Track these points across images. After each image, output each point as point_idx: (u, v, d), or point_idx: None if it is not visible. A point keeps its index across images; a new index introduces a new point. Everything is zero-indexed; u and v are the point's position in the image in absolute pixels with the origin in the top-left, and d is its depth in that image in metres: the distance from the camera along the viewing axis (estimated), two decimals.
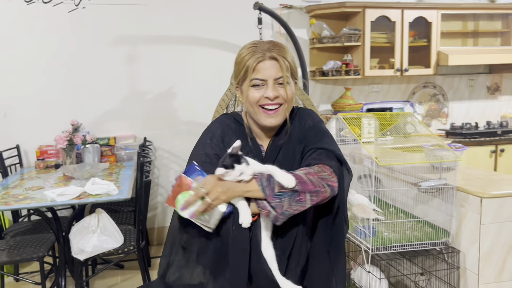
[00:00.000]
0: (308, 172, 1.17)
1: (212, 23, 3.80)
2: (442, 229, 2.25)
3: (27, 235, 2.81)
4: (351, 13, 3.86)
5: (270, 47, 1.25)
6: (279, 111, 1.26)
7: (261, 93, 1.24)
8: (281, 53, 1.24)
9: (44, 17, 3.50)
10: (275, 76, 1.23)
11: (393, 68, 3.91)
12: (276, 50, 1.24)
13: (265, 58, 1.22)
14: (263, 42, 1.27)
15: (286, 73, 1.24)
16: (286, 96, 1.25)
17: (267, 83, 1.23)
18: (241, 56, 1.27)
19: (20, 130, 3.56)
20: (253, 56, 1.23)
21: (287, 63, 1.24)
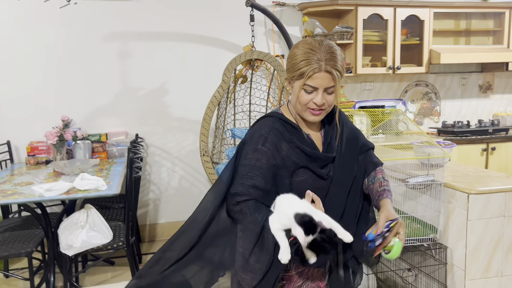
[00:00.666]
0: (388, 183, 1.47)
1: (205, 20, 3.79)
2: (430, 225, 2.26)
3: (16, 231, 2.80)
4: (344, 11, 3.86)
5: (327, 57, 1.28)
6: (323, 112, 1.35)
7: (310, 97, 1.31)
8: (336, 64, 1.29)
9: (36, 13, 3.48)
10: (326, 86, 1.29)
11: (385, 66, 3.92)
12: (331, 62, 1.28)
13: (321, 70, 1.27)
14: (320, 48, 1.29)
15: (337, 84, 1.31)
16: (331, 102, 1.33)
17: (318, 91, 1.30)
18: (297, 57, 1.31)
19: (11, 126, 3.54)
20: (310, 64, 1.27)
21: (339, 74, 1.30)
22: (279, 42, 3.97)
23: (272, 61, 3.42)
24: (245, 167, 1.34)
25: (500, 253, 2.09)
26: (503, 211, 2.06)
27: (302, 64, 1.28)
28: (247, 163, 1.34)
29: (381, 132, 3.73)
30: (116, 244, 2.58)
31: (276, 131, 1.36)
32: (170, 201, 3.94)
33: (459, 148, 3.93)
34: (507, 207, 2.06)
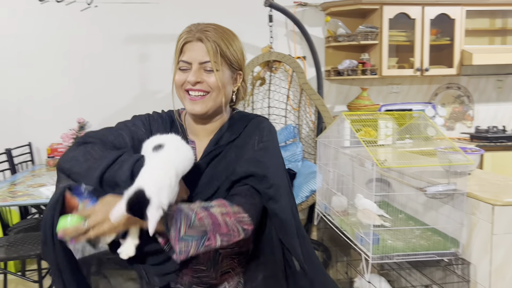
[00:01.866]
0: (226, 213, 1.00)
1: (223, 22, 3.71)
2: (451, 238, 2.08)
3: (30, 232, 2.81)
4: (368, 10, 3.70)
5: (205, 28, 1.12)
6: (205, 99, 1.12)
7: (185, 77, 1.11)
8: (213, 36, 1.10)
9: (57, 16, 3.53)
10: (200, 60, 1.10)
11: (413, 68, 3.72)
12: (209, 32, 1.10)
13: (193, 39, 1.11)
14: (204, 23, 1.15)
15: (214, 58, 1.09)
16: (211, 83, 1.10)
17: (191, 66, 1.11)
18: (179, 36, 1.15)
19: (32, 128, 3.59)
20: (182, 36, 1.12)
21: (217, 47, 1.09)
22: (300, 43, 3.85)
23: (291, 63, 3.31)
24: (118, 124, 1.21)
25: None
26: None
27: (178, 38, 1.13)
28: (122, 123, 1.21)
29: (408, 137, 3.56)
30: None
31: (156, 122, 1.23)
32: None
33: (493, 155, 3.67)
34: None
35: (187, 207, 0.97)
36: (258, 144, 1.13)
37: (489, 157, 3.65)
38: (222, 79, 1.11)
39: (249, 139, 1.15)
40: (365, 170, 2.56)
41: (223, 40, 1.11)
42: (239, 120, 1.21)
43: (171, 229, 0.93)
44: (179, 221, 0.93)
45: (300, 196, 3.15)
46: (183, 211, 0.95)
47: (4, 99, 3.54)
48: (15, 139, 3.50)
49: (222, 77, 1.11)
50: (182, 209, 0.95)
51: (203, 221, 0.95)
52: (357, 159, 2.49)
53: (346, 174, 2.51)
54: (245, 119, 1.21)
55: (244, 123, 1.19)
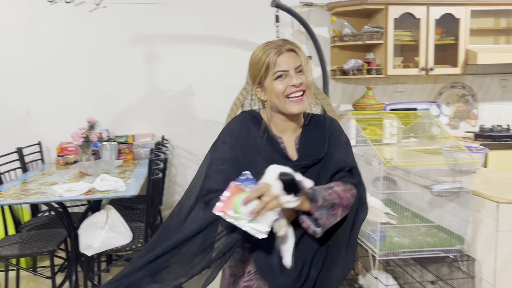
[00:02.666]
0: (344, 189, 1.32)
1: (230, 22, 3.77)
2: (457, 235, 2.12)
3: (41, 230, 2.87)
4: (374, 10, 3.73)
5: (282, 43, 1.33)
6: (304, 98, 1.33)
7: (285, 83, 1.31)
8: (294, 45, 1.34)
9: (66, 17, 3.58)
10: (295, 66, 1.31)
11: (417, 67, 3.76)
12: (289, 44, 1.33)
13: (282, 51, 1.31)
14: (274, 41, 1.36)
15: (304, 60, 1.34)
16: (308, 82, 1.33)
17: (289, 73, 1.31)
18: (257, 56, 1.34)
19: (42, 127, 3.64)
20: (270, 52, 1.31)
21: (302, 52, 1.34)
22: (306, 43, 3.88)
23: None
24: (215, 160, 1.35)
25: None
26: None
27: (264, 57, 1.32)
28: (217, 156, 1.35)
29: (413, 136, 3.59)
30: (135, 245, 2.58)
31: (245, 125, 1.38)
32: None
33: (498, 154, 3.70)
34: None
35: (318, 188, 1.27)
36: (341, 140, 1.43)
37: (494, 156, 3.68)
38: (310, 78, 1.35)
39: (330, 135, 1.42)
40: (372, 168, 2.59)
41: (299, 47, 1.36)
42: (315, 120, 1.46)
43: (312, 203, 1.23)
44: (316, 196, 1.24)
45: None
46: (316, 189, 1.26)
47: (15, 99, 3.59)
48: (25, 138, 3.55)
49: (310, 77, 1.35)
50: (315, 188, 1.26)
51: (331, 196, 1.27)
52: (363, 157, 2.53)
53: None
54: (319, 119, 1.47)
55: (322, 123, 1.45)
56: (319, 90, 3.42)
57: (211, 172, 1.33)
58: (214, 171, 1.33)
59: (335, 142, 1.41)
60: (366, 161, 2.45)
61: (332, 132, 1.42)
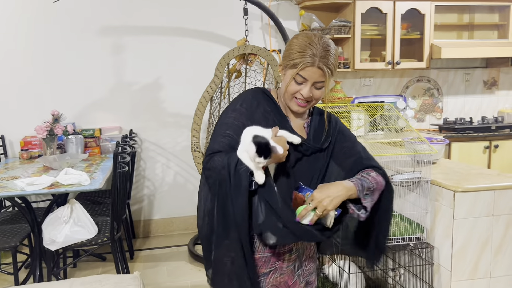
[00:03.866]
0: (377, 174, 1.39)
1: (199, 15, 3.75)
2: (417, 224, 2.19)
3: (4, 225, 2.80)
4: (342, 5, 3.78)
5: (322, 54, 1.30)
6: (308, 105, 1.37)
7: (299, 88, 1.33)
8: (328, 62, 1.31)
9: (30, 7, 3.48)
10: (316, 80, 1.31)
11: (384, 61, 3.83)
12: (325, 59, 1.30)
13: (314, 65, 1.29)
14: (318, 43, 1.31)
15: (328, 80, 1.34)
16: (318, 97, 1.36)
17: (307, 82, 1.32)
18: (294, 47, 1.33)
19: (5, 121, 3.54)
20: (304, 57, 1.30)
21: (330, 72, 1.32)
22: (275, 37, 3.90)
23: (266, 56, 3.36)
24: (222, 125, 1.37)
25: (488, 253, 2.00)
26: (491, 210, 1.98)
27: (297, 56, 1.31)
28: (225, 121, 1.38)
29: (380, 128, 3.66)
30: (101, 239, 2.56)
31: (257, 98, 1.42)
32: (164, 197, 3.91)
33: (461, 145, 3.82)
34: (496, 205, 1.98)
35: (360, 176, 1.35)
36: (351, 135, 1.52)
37: (457, 148, 3.80)
38: (323, 93, 1.36)
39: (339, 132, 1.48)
40: None
41: (335, 64, 1.34)
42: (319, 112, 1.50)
43: (360, 193, 1.31)
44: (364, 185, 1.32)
45: None
46: (361, 179, 1.34)
47: None
48: None
49: (324, 90, 1.36)
50: (360, 178, 1.34)
51: (372, 183, 1.34)
52: None
53: None
54: (321, 112, 1.51)
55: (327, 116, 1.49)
56: None
57: (216, 135, 1.38)
58: (220, 134, 1.37)
59: (350, 138, 1.50)
60: None
61: (341, 129, 1.49)
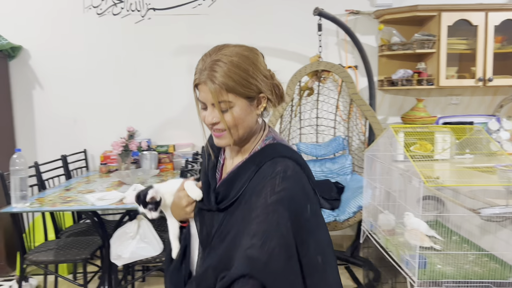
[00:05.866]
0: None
1: (271, 31, 3.70)
2: (511, 266, 1.88)
3: (79, 236, 2.92)
4: (425, 18, 3.51)
5: (206, 65, 1.05)
6: (224, 135, 1.10)
7: (204, 114, 1.10)
8: (220, 76, 1.03)
9: (113, 28, 3.67)
10: (211, 101, 1.05)
11: (474, 78, 3.47)
12: (211, 72, 1.04)
13: (201, 82, 1.06)
14: (211, 55, 1.07)
15: (219, 97, 1.04)
16: (225, 123, 1.06)
17: (207, 106, 1.08)
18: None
19: (87, 136, 3.75)
20: (196, 73, 1.08)
21: (226, 87, 1.03)
22: (352, 53, 3.73)
23: (340, 72, 3.21)
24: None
25: None
26: None
27: (195, 72, 1.09)
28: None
29: (468, 152, 3.31)
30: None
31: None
32: None
33: None
34: None
35: None
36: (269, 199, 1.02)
37: None
38: (237, 115, 1.06)
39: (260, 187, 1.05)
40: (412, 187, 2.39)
41: (232, 75, 1.04)
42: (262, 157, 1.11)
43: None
44: None
45: (347, 212, 3.01)
46: None
47: (63, 109, 3.73)
48: (73, 146, 3.68)
49: (238, 112, 1.07)
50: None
51: None
52: (405, 175, 2.33)
53: (393, 191, 2.36)
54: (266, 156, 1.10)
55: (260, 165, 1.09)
56: (363, 101, 3.25)
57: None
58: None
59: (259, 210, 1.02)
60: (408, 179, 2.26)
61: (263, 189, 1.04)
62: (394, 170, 2.63)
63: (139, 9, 3.67)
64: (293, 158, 1.09)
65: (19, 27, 3.64)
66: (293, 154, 1.11)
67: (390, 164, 2.50)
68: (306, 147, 3.52)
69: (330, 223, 3.02)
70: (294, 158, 1.09)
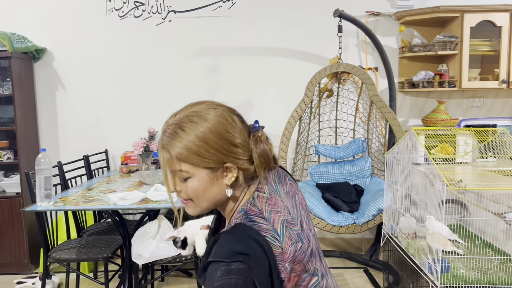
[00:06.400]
0: None
1: (292, 33, 3.70)
2: None
3: (101, 235, 2.96)
4: (448, 19, 3.46)
5: (165, 129, 1.01)
6: (190, 204, 1.03)
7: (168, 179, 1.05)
8: (167, 141, 0.98)
9: (135, 30, 3.73)
10: (171, 168, 1.00)
11: (497, 80, 3.41)
12: (165, 136, 0.99)
13: (158, 146, 1.03)
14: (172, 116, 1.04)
15: (171, 167, 0.99)
16: (191, 194, 1.00)
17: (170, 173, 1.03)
18: None
19: (109, 136, 3.81)
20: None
21: (169, 156, 0.98)
22: (372, 54, 3.70)
23: (360, 74, 3.19)
24: None
25: None
26: None
27: None
28: None
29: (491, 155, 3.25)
30: (185, 257, 2.57)
31: None
32: None
33: None
34: None
35: None
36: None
37: None
38: (193, 187, 0.99)
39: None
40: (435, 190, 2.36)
41: (190, 145, 0.97)
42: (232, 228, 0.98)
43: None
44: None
45: (366, 215, 2.99)
46: None
47: (85, 110, 3.79)
48: (94, 146, 3.74)
49: (195, 184, 0.99)
50: None
51: None
52: (427, 178, 2.31)
53: (415, 194, 2.33)
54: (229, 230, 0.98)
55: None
56: (383, 103, 3.22)
57: None
58: None
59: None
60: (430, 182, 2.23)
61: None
62: (415, 172, 2.60)
63: (160, 11, 3.71)
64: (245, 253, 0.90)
65: (44, 30, 3.72)
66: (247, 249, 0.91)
67: (411, 166, 2.47)
68: (325, 149, 3.51)
69: (349, 226, 3.00)
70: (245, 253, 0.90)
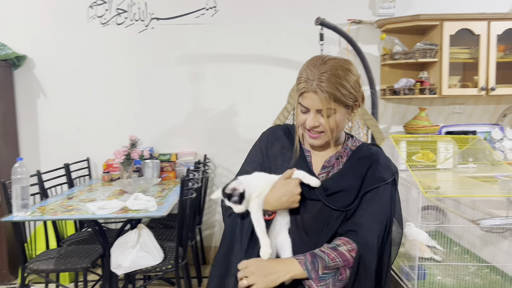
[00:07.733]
0: (352, 249, 1.20)
1: (274, 40, 3.72)
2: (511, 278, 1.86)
3: (81, 245, 2.92)
4: (427, 27, 3.51)
5: (320, 76, 1.19)
6: (321, 136, 1.27)
7: (305, 118, 1.26)
8: (327, 86, 1.19)
9: (117, 38, 3.70)
10: (317, 108, 1.22)
11: (477, 87, 3.46)
12: (323, 83, 1.19)
13: (309, 90, 1.21)
14: (320, 66, 1.21)
15: (327, 105, 1.20)
16: (328, 126, 1.24)
17: (310, 112, 1.24)
18: (300, 73, 1.27)
19: (91, 144, 3.77)
20: (303, 82, 1.23)
21: (331, 97, 1.19)
22: (354, 62, 3.72)
23: None
24: (244, 161, 1.43)
25: None
26: None
27: (299, 81, 1.24)
28: (247, 158, 1.43)
29: (472, 161, 3.29)
30: (165, 266, 2.54)
31: (274, 135, 1.40)
32: None
33: None
34: None
35: (319, 251, 1.20)
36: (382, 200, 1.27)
37: None
38: (336, 121, 1.23)
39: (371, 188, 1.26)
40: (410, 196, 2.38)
41: (337, 86, 1.19)
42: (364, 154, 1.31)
43: (311, 273, 1.17)
44: (316, 264, 1.18)
45: None
46: (317, 255, 1.19)
47: (67, 118, 3.75)
48: (76, 154, 3.70)
49: (337, 119, 1.23)
50: (316, 253, 1.19)
51: (335, 261, 1.18)
52: (405, 185, 2.32)
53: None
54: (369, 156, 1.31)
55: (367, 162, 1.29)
56: (364, 110, 3.24)
57: (240, 170, 1.41)
58: (242, 168, 1.41)
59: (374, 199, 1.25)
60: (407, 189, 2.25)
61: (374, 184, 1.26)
62: None
63: (143, 18, 3.70)
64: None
65: (24, 37, 3.68)
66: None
67: None
68: None
69: None
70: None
